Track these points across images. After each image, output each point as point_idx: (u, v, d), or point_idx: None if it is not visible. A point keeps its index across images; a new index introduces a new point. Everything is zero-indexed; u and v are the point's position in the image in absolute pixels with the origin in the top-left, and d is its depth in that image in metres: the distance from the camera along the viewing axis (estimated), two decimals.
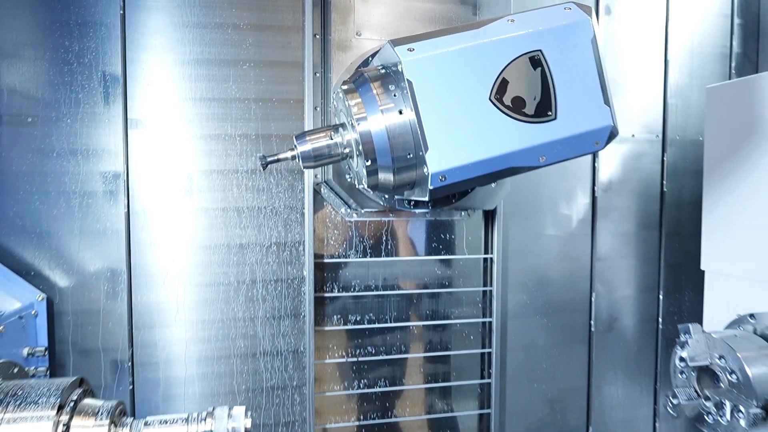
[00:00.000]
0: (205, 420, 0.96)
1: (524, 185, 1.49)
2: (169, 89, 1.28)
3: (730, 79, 1.64)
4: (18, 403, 0.86)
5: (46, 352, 1.17)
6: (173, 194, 1.29)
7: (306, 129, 1.28)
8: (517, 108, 0.88)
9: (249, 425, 0.97)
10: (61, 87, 1.22)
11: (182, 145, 1.29)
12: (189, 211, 1.30)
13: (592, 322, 1.57)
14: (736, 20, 1.62)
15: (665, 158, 1.59)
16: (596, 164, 1.54)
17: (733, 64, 1.63)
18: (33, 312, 1.18)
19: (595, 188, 1.55)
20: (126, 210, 1.27)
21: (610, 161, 1.56)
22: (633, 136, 1.57)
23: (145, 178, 1.28)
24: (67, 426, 0.87)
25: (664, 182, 1.60)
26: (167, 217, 1.29)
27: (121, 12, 1.23)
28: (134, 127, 1.26)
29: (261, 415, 1.36)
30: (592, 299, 1.57)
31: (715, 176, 1.41)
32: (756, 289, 1.31)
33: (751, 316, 1.26)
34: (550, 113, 0.89)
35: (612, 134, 0.94)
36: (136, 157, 1.27)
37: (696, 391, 1.22)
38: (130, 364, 1.28)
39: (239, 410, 0.98)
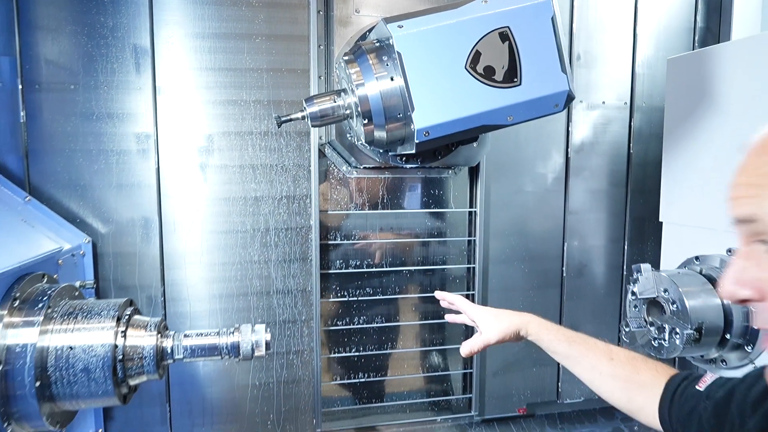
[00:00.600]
0: (233, 333, 1.17)
1: (505, 147, 1.68)
2: (191, 60, 1.45)
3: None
4: (85, 315, 1.07)
5: (94, 286, 1.38)
6: (196, 153, 1.48)
7: (313, 94, 1.47)
8: (488, 75, 1.07)
9: (269, 338, 1.18)
10: (98, 58, 1.40)
11: (203, 109, 1.47)
12: (210, 168, 1.50)
13: (564, 269, 1.78)
14: None
15: (632, 123, 1.77)
16: (570, 128, 1.73)
17: (696, 38, 1.79)
18: (81, 252, 1.38)
19: (569, 150, 1.74)
20: (156, 166, 1.46)
21: (583, 126, 1.74)
22: (603, 103, 1.75)
23: (172, 139, 1.46)
24: (125, 334, 1.08)
25: (631, 144, 1.78)
26: (191, 173, 1.49)
27: None
28: (161, 93, 1.44)
29: (275, 344, 1.57)
30: (565, 248, 1.77)
31: (673, 138, 1.60)
32: (705, 236, 1.51)
33: (696, 258, 1.46)
34: (515, 80, 1.08)
35: (569, 97, 1.13)
36: (163, 120, 1.46)
37: (645, 320, 1.44)
38: (162, 299, 1.49)
39: (260, 327, 1.19)
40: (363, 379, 1.70)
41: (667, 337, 1.34)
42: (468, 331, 1.73)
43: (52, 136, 1.39)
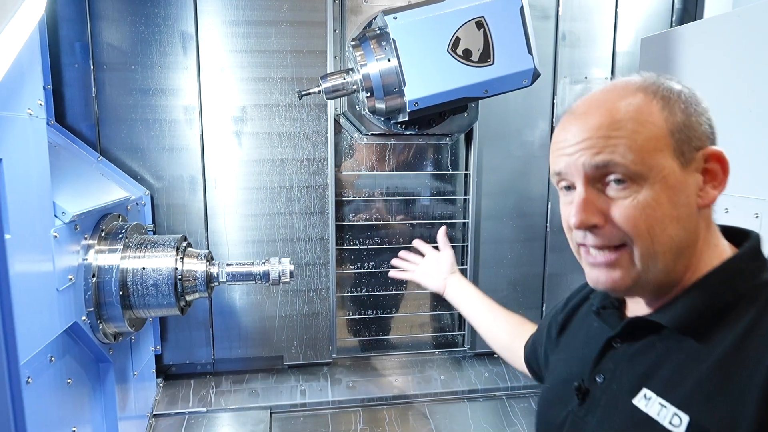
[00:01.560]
0: (264, 264, 1.48)
1: (496, 117, 1.92)
2: (227, 43, 1.74)
3: None
4: (153, 245, 1.40)
5: (153, 230, 1.71)
6: (232, 122, 1.78)
7: (327, 72, 1.74)
8: (466, 56, 1.32)
9: (292, 268, 1.49)
10: (153, 43, 1.70)
11: (237, 85, 1.76)
12: (244, 135, 1.79)
13: (548, 225, 2.03)
14: None
15: None
16: (555, 101, 1.96)
17: (673, 18, 1.99)
18: (143, 202, 1.71)
19: (554, 119, 1.97)
20: (200, 133, 1.76)
21: (567, 98, 1.97)
22: (585, 78, 1.97)
23: (213, 110, 1.76)
24: (183, 261, 1.40)
25: None
26: (229, 139, 1.78)
27: None
28: (204, 72, 1.74)
29: (297, 283, 1.89)
30: (549, 207, 2.02)
31: None
32: None
33: None
34: (489, 60, 1.33)
35: (535, 74, 1.37)
36: (205, 95, 1.75)
37: None
38: (206, 243, 1.81)
39: (286, 259, 1.50)
40: (371, 316, 2.01)
41: None
42: None
43: (117, 108, 1.71)
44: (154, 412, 1.76)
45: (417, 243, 1.51)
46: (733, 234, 0.72)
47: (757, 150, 1.39)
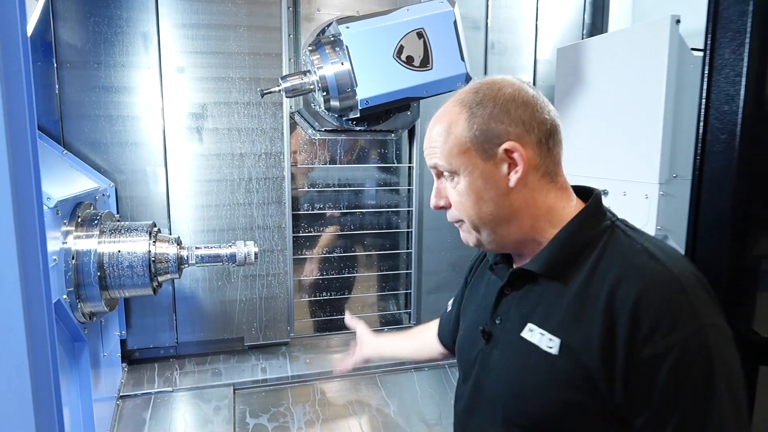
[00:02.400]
0: (230, 246, 1.63)
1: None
2: (188, 45, 1.86)
3: None
4: (126, 230, 1.51)
5: (118, 220, 1.80)
6: (193, 118, 1.90)
7: (285, 73, 1.90)
8: (409, 62, 1.53)
9: (257, 250, 1.64)
10: (116, 43, 1.79)
11: (198, 84, 1.88)
12: (204, 131, 1.92)
13: None
14: None
15: None
16: None
17: (584, 32, 2.30)
18: (107, 194, 1.80)
19: None
20: (162, 129, 1.87)
21: None
22: None
23: (174, 107, 1.87)
24: (155, 244, 1.52)
25: None
26: (190, 134, 1.90)
27: None
28: (167, 70, 1.85)
29: (256, 268, 2.03)
30: None
31: (560, 109, 2.11)
32: (581, 182, 2.03)
33: None
34: (428, 65, 1.55)
35: (467, 78, 1.61)
36: (167, 93, 1.86)
37: None
38: (168, 232, 1.92)
39: (251, 242, 1.65)
40: (325, 297, 2.19)
41: None
42: (407, 259, 2.23)
43: (80, 105, 1.79)
44: (121, 394, 1.85)
45: (348, 321, 1.66)
46: (584, 193, 0.94)
47: (645, 144, 1.69)
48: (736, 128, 0.96)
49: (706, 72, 0.99)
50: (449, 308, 1.29)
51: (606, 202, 0.94)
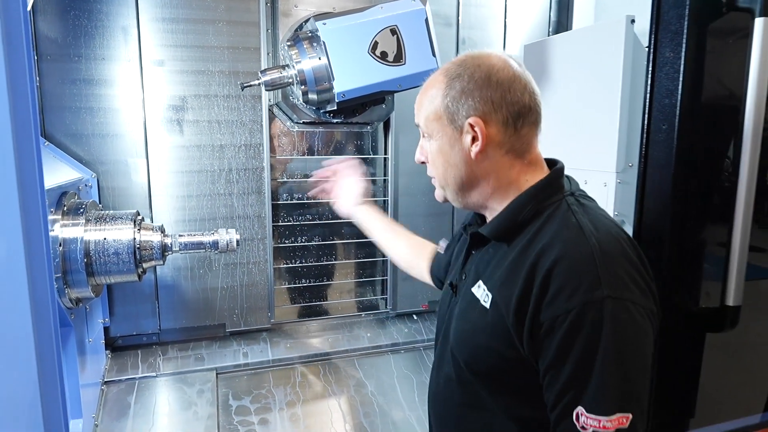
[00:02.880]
0: (213, 234, 1.69)
1: (409, 108, 2.23)
2: (168, 39, 1.90)
3: None
4: (111, 218, 1.56)
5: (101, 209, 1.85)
6: (174, 110, 1.95)
7: (264, 67, 1.96)
8: (383, 57, 1.62)
9: (238, 237, 1.71)
10: (97, 36, 1.83)
11: (179, 77, 1.93)
12: (185, 122, 1.97)
13: None
14: None
15: None
16: None
17: (550, 29, 2.42)
18: (89, 184, 1.84)
19: None
20: (143, 120, 1.91)
21: None
22: None
23: (155, 99, 1.92)
24: (140, 232, 1.58)
25: None
26: (171, 126, 1.95)
27: None
28: (146, 64, 1.89)
29: (237, 256, 2.10)
30: None
31: None
32: None
33: None
34: (401, 60, 1.64)
35: None
36: (147, 85, 1.90)
37: None
38: (150, 221, 1.97)
39: (232, 230, 1.72)
40: (305, 284, 2.27)
41: None
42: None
43: (61, 97, 1.82)
44: (105, 379, 1.90)
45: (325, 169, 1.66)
46: (552, 165, 1.04)
47: (604, 135, 1.81)
48: (675, 119, 1.07)
49: (650, 69, 1.10)
50: (443, 251, 1.38)
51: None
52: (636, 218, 1.19)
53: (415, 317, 2.44)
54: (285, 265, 2.23)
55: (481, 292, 0.96)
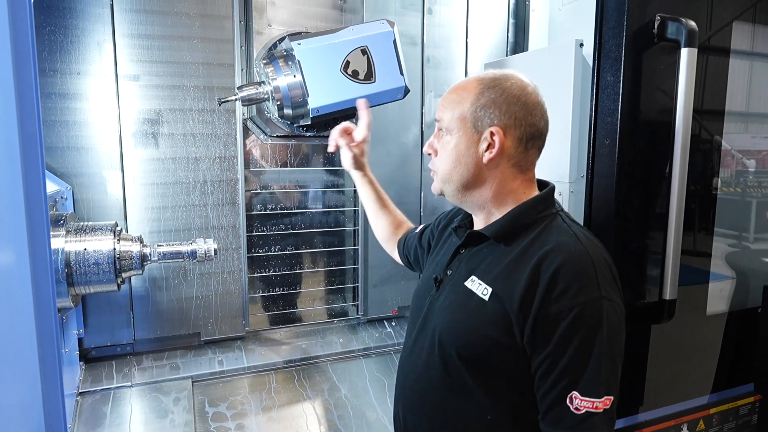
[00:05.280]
0: (191, 243, 1.75)
1: (378, 123, 2.34)
2: (144, 55, 1.95)
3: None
4: (91, 230, 1.60)
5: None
6: (149, 124, 1.99)
7: (239, 84, 2.04)
8: (354, 75, 1.72)
9: (216, 246, 1.77)
10: (73, 52, 1.86)
11: (154, 92, 1.98)
12: (161, 136, 2.01)
13: (422, 210, 2.51)
14: (510, 20, 2.57)
15: None
16: (423, 110, 2.45)
17: (508, 49, 2.59)
18: (65, 197, 1.86)
19: (423, 125, 2.46)
20: (119, 134, 1.96)
21: (432, 109, 2.47)
22: None
23: (130, 114, 1.96)
24: (119, 242, 1.62)
25: None
26: (146, 139, 2.00)
27: (111, 4, 1.89)
28: (123, 78, 1.94)
29: (212, 266, 2.15)
30: (422, 195, 2.50)
31: None
32: None
33: None
34: (372, 79, 1.75)
35: (406, 90, 1.82)
36: (123, 100, 1.94)
37: None
38: (126, 231, 2.00)
39: (210, 239, 1.78)
40: (279, 293, 2.33)
41: None
42: (354, 254, 2.41)
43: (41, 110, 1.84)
44: (80, 390, 1.91)
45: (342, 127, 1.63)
46: (544, 185, 1.14)
47: (558, 148, 1.97)
48: (616, 136, 1.22)
49: (594, 91, 1.24)
50: (416, 231, 1.52)
51: None
52: (585, 224, 1.32)
53: (385, 323, 2.53)
54: (259, 274, 2.29)
55: (477, 285, 1.05)
